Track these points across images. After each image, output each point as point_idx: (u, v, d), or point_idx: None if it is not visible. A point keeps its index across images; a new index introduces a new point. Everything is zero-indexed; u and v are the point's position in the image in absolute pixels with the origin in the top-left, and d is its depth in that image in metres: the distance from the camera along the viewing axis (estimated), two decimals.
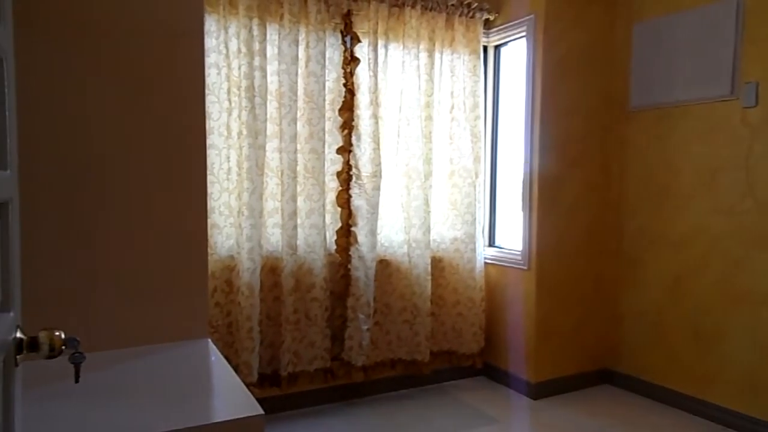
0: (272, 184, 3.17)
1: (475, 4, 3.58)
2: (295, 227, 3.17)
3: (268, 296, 3.19)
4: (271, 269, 3.21)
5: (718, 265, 3.15)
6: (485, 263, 3.81)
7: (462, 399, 3.55)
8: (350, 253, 3.35)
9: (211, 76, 2.95)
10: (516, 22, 3.58)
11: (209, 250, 2.96)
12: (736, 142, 3.04)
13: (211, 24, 2.94)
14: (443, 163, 3.67)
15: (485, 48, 3.84)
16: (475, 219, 3.66)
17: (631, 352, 3.66)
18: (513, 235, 3.77)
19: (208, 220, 2.94)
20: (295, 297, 3.19)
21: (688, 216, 3.29)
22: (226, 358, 2.72)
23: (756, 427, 2.97)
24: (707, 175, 3.19)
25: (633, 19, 3.55)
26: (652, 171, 3.49)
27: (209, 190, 2.95)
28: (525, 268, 3.57)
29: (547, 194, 3.51)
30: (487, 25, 3.74)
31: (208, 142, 2.94)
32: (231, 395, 1.35)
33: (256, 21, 3.01)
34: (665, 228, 3.42)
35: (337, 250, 3.36)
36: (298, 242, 3.20)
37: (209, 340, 1.79)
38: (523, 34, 3.55)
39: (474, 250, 3.68)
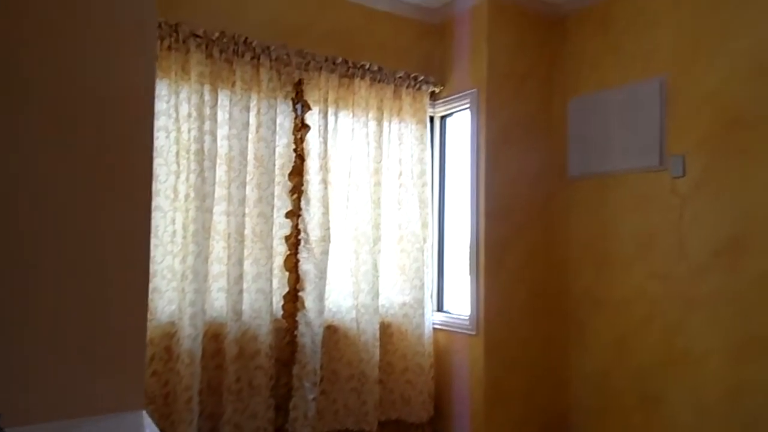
0: (218, 248, 3.12)
1: (422, 77, 3.75)
2: (241, 292, 3.10)
3: (210, 364, 3.07)
4: (213, 335, 3.10)
5: (657, 327, 3.25)
6: (434, 328, 3.80)
7: None
8: (297, 318, 3.29)
9: (160, 139, 2.94)
10: (460, 94, 3.76)
11: (149, 315, 2.85)
12: (668, 210, 3.21)
13: (162, 88, 2.96)
14: (392, 228, 3.71)
15: (432, 118, 3.99)
16: (423, 284, 3.68)
17: (580, 418, 3.66)
18: (461, 300, 3.80)
19: (150, 284, 2.86)
20: (238, 365, 3.08)
21: (628, 280, 3.41)
22: (162, 431, 2.57)
23: None
24: (643, 241, 3.34)
25: (568, 94, 3.79)
26: (592, 236, 3.63)
27: (152, 253, 2.87)
28: (473, 333, 3.58)
29: (494, 259, 3.58)
30: (433, 96, 3.91)
31: (154, 204, 2.89)
32: None
33: (207, 87, 3.05)
34: (607, 291, 3.53)
35: (283, 316, 3.29)
36: (244, 307, 3.12)
37: (144, 412, 1.69)
38: (467, 105, 3.72)
39: (423, 315, 3.67)
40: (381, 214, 3.61)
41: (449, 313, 3.89)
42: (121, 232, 1.70)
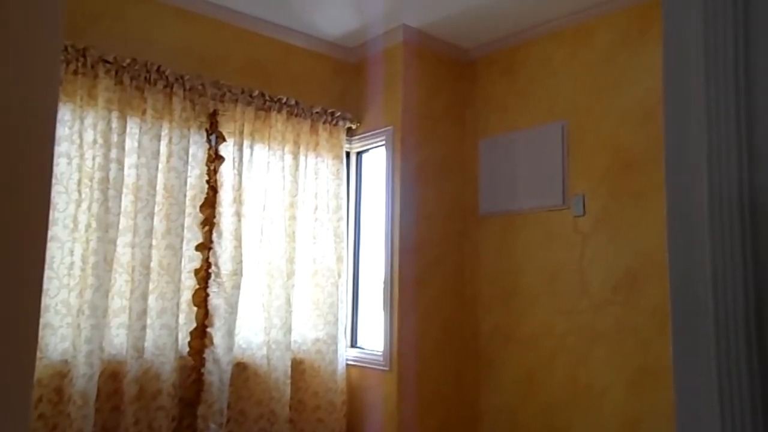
0: (121, 281, 2.97)
1: (338, 113, 3.81)
2: (144, 328, 2.95)
3: (105, 405, 2.87)
4: (111, 374, 2.91)
5: (563, 361, 3.37)
6: (347, 364, 3.75)
7: None
8: (204, 355, 3.16)
9: (61, 166, 2.80)
10: (376, 131, 3.84)
11: (38, 353, 2.65)
12: (571, 247, 3.39)
13: (65, 113, 2.83)
14: (306, 263, 3.67)
15: (348, 153, 4.04)
16: (337, 319, 3.65)
17: None
18: (375, 336, 3.79)
19: (41, 320, 2.67)
20: (137, 405, 2.90)
21: (535, 315, 3.54)
22: None
23: None
24: (548, 278, 3.49)
25: (479, 134, 3.97)
26: (501, 273, 3.76)
27: (45, 287, 2.69)
28: (386, 368, 3.57)
29: (408, 294, 3.62)
30: (350, 132, 3.97)
31: (50, 234, 2.72)
32: None
33: (116, 113, 2.95)
34: (516, 327, 3.63)
35: (189, 353, 3.15)
36: (146, 344, 2.97)
37: None
38: (383, 142, 3.80)
39: (336, 351, 3.63)
40: (296, 247, 3.58)
41: (363, 348, 3.86)
42: (10, 261, 1.58)
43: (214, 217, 3.27)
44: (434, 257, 3.79)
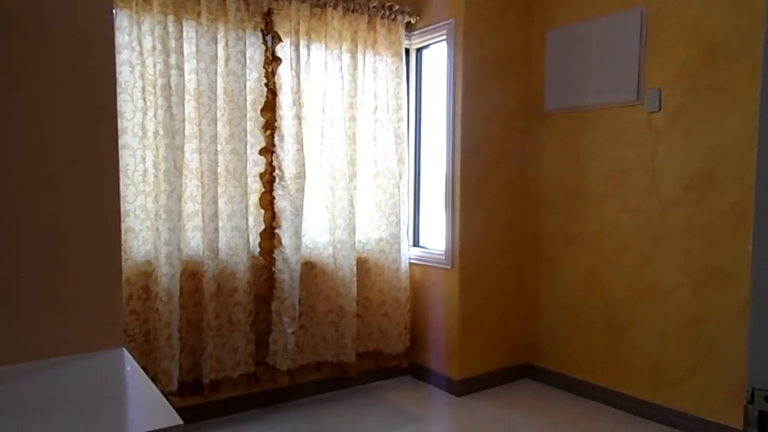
0: (191, 186, 3.07)
1: (397, 7, 3.62)
2: (217, 230, 3.08)
3: (189, 302, 3.09)
4: (191, 274, 3.10)
5: (627, 261, 3.34)
6: (410, 263, 3.85)
7: (387, 399, 3.57)
8: (274, 255, 3.30)
9: (124, 74, 2.82)
10: (436, 25, 3.65)
11: (124, 255, 2.83)
12: (642, 145, 3.24)
13: (122, 19, 2.80)
14: (368, 165, 3.68)
15: (407, 50, 3.89)
16: (399, 220, 3.70)
17: (550, 346, 3.82)
18: (437, 236, 3.84)
19: (123, 224, 2.83)
20: (217, 302, 3.10)
21: (600, 216, 3.48)
22: (144, 367, 2.60)
23: (659, 413, 3.18)
24: (616, 177, 3.38)
25: (547, 25, 3.71)
26: (566, 173, 3.66)
27: (123, 193, 2.82)
28: (449, 267, 3.64)
29: (469, 195, 3.60)
30: (409, 27, 3.79)
31: (121, 142, 2.81)
32: (147, 406, 1.28)
33: (171, 18, 2.90)
34: (580, 227, 3.60)
35: (260, 253, 3.30)
36: (220, 245, 3.11)
37: (124, 349, 1.70)
38: (444, 37, 3.62)
39: (399, 250, 3.71)
40: (356, 149, 3.57)
41: (425, 248, 3.94)
42: (90, 171, 1.65)
43: (275, 120, 3.28)
44: (497, 157, 3.72)
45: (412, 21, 3.75)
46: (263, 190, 3.28)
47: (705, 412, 2.99)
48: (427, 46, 3.87)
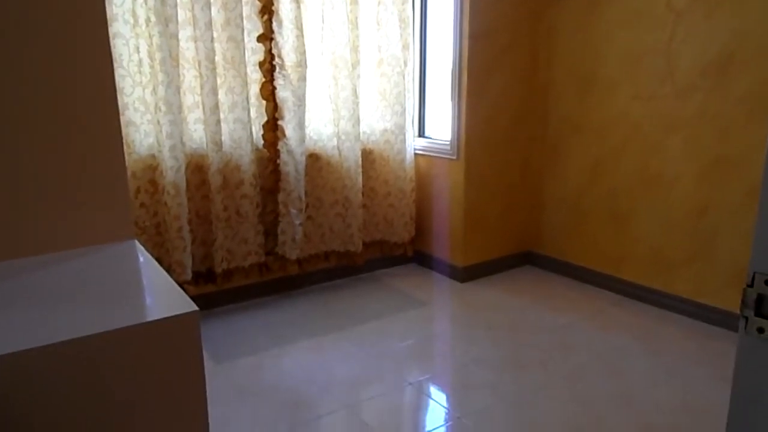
0: (190, 77, 2.98)
1: None
2: (219, 122, 3.03)
3: (196, 195, 3.11)
4: (196, 167, 3.09)
5: (634, 150, 3.30)
6: (415, 154, 3.82)
7: (394, 285, 3.70)
8: (278, 147, 3.27)
9: None
10: None
11: (127, 149, 2.81)
12: (660, 27, 3.08)
13: None
14: (371, 51, 3.54)
15: None
16: (404, 109, 3.62)
17: (553, 235, 3.88)
18: (442, 126, 3.78)
19: (123, 117, 2.78)
20: (224, 194, 3.12)
21: (610, 103, 3.38)
22: (158, 258, 2.67)
23: (656, 296, 3.29)
24: (630, 62, 3.25)
25: None
26: (578, 58, 3.52)
27: (120, 84, 2.75)
28: (454, 157, 3.62)
29: (476, 83, 3.49)
30: None
31: (112, 30, 2.69)
32: (163, 294, 1.32)
33: None
34: (589, 115, 3.51)
35: (264, 145, 3.27)
36: (223, 138, 3.08)
37: (136, 241, 1.73)
38: None
39: (404, 141, 3.67)
40: (359, 35, 3.41)
41: (430, 138, 3.89)
42: (80, 60, 1.58)
43: (272, 4, 3.11)
44: (505, 42, 3.56)
45: None
46: (264, 79, 3.19)
47: (701, 296, 3.09)
48: None
